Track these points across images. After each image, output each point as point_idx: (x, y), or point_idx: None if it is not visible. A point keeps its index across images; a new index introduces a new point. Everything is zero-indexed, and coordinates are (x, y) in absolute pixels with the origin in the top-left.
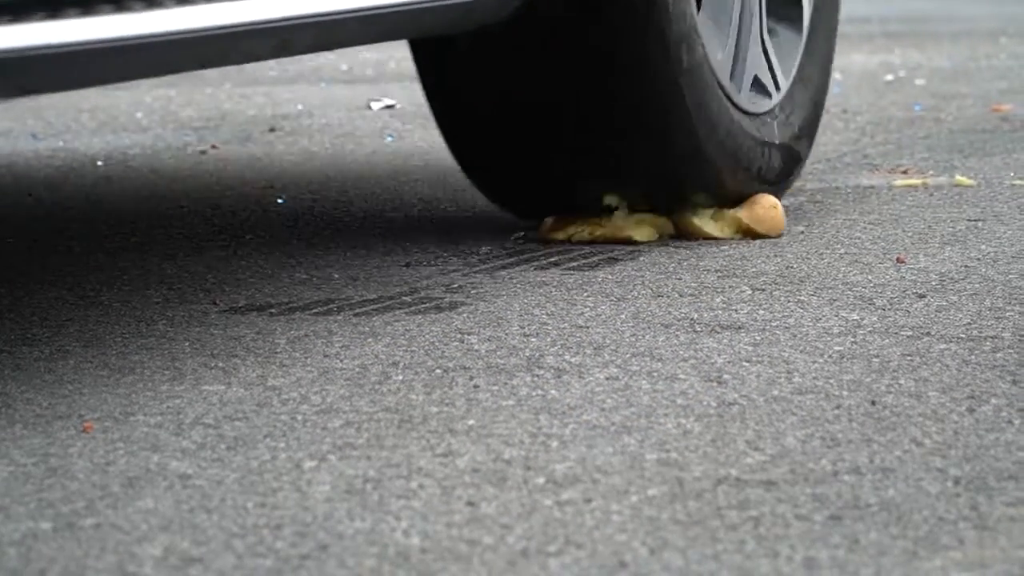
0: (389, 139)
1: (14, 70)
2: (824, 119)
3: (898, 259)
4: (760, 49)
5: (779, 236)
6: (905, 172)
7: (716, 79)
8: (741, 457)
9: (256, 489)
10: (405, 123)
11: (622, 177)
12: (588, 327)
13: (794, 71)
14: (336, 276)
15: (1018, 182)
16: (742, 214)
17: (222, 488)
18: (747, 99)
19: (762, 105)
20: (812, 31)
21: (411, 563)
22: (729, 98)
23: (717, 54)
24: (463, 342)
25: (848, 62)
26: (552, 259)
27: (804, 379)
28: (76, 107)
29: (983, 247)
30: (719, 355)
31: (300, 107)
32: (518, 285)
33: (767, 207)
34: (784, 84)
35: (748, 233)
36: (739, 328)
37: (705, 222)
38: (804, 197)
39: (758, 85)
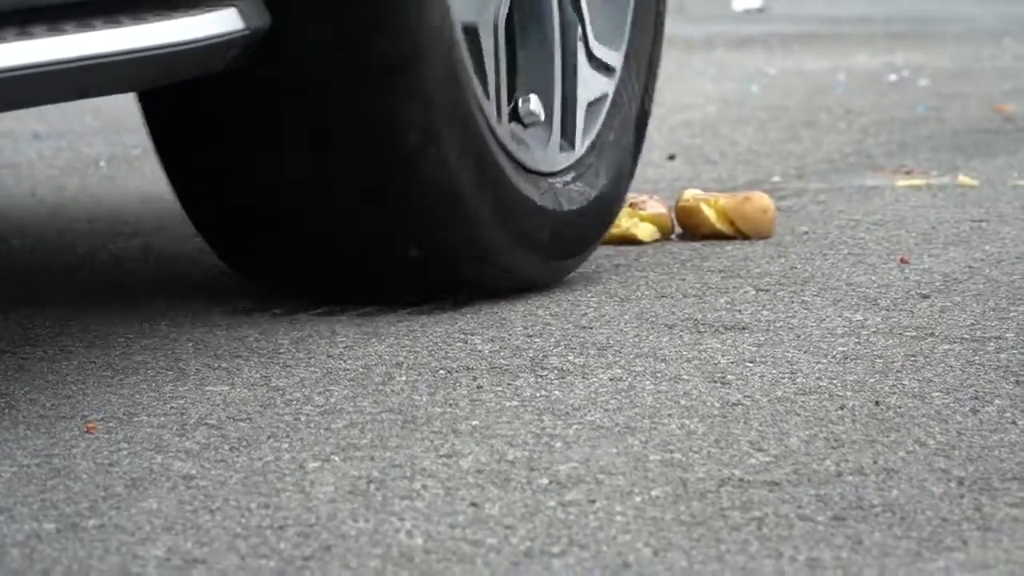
0: None
1: None
2: (827, 119)
3: (902, 260)
4: None
5: (764, 239)
6: (908, 173)
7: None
8: (745, 458)
9: (259, 490)
10: None
11: None
12: (592, 328)
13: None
14: None
15: (1021, 182)
16: (729, 206)
17: (225, 489)
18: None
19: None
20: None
21: (414, 564)
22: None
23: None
24: (467, 343)
25: (851, 63)
26: None
27: (808, 380)
28: (79, 107)
29: (987, 248)
30: (723, 356)
31: None
32: None
33: (757, 208)
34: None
35: (735, 229)
36: (743, 329)
37: (709, 212)
38: (807, 197)
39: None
